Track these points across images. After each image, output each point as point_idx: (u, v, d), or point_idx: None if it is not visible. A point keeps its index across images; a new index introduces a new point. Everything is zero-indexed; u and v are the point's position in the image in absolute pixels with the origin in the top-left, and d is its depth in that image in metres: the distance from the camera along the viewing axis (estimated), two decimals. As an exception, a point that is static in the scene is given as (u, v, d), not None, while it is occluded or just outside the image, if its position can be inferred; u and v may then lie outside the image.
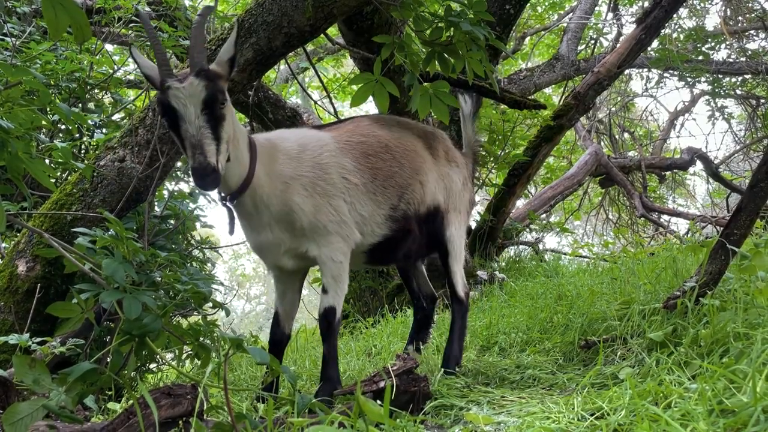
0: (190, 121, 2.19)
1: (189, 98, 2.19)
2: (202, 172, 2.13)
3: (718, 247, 2.54)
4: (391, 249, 2.96)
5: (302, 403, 1.91)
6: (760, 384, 1.53)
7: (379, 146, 2.90)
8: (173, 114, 2.20)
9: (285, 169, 2.58)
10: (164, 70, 2.23)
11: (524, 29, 10.78)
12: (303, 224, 2.58)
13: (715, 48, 9.27)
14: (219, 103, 2.24)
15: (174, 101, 2.19)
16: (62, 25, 1.49)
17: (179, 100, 2.19)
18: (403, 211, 2.92)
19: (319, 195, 2.61)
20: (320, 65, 10.31)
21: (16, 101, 2.15)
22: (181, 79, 2.21)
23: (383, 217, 2.84)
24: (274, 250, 2.65)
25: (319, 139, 2.76)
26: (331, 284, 2.66)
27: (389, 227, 2.86)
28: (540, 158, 6.80)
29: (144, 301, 1.84)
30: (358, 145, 2.84)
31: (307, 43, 4.46)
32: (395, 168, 2.90)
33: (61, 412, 1.66)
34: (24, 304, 2.94)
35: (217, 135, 2.22)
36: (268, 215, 2.56)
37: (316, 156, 2.67)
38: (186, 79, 2.21)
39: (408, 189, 2.95)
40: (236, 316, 19.14)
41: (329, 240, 2.64)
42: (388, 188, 2.87)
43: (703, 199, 13.77)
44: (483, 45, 2.69)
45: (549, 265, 6.78)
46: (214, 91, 2.22)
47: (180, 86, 2.19)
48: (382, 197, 2.84)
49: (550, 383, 2.65)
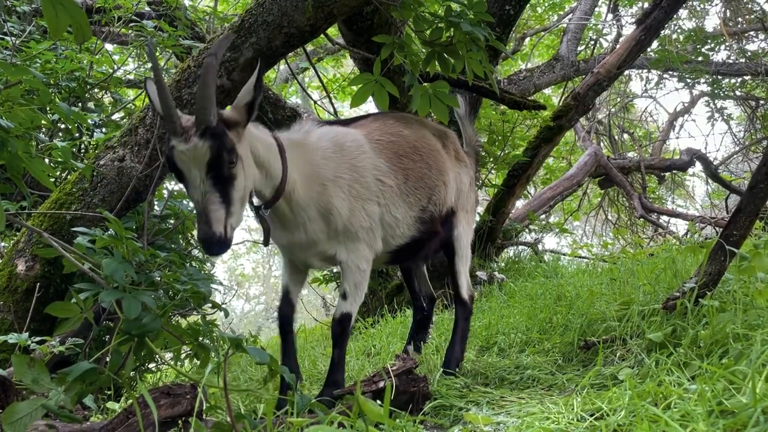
0: (195, 186, 2.03)
1: (193, 161, 2.01)
2: (207, 242, 2.00)
3: (718, 248, 2.54)
4: (416, 250, 2.93)
5: (302, 403, 1.91)
6: (760, 385, 1.53)
7: (408, 146, 2.86)
8: (180, 174, 2.06)
9: (323, 171, 2.52)
10: (169, 124, 2.03)
11: (524, 30, 10.79)
12: (338, 227, 2.54)
13: (714, 49, 9.28)
14: (228, 164, 2.05)
15: (179, 164, 2.03)
16: (62, 24, 1.49)
17: (183, 164, 2.02)
18: (430, 212, 2.89)
19: (354, 198, 2.56)
20: (320, 65, 10.31)
21: (16, 100, 2.15)
22: (186, 138, 2.01)
23: (413, 219, 2.81)
24: (306, 250, 2.60)
25: (355, 139, 2.68)
26: (352, 291, 2.61)
27: (417, 229, 2.83)
28: (539, 159, 6.80)
29: (143, 300, 1.84)
30: (390, 145, 2.78)
31: (307, 43, 4.46)
32: (425, 169, 2.86)
33: (60, 412, 1.66)
34: (23, 303, 2.94)
35: (227, 198, 2.05)
36: (304, 216, 2.50)
37: (353, 157, 2.61)
38: (190, 138, 2.01)
39: (435, 190, 2.92)
40: (235, 316, 19.13)
41: (357, 247, 2.60)
42: (419, 189, 2.83)
43: (702, 200, 13.78)
44: (483, 45, 2.69)
45: (548, 266, 6.78)
46: (221, 152, 2.02)
47: (183, 149, 2.00)
48: (413, 198, 2.80)
49: (550, 384, 2.65)
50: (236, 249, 20.24)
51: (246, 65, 3.16)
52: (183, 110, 3.13)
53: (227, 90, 3.19)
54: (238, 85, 3.22)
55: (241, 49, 3.13)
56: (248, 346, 1.79)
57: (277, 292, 23.55)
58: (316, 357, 4.14)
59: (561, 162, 11.45)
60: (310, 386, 3.27)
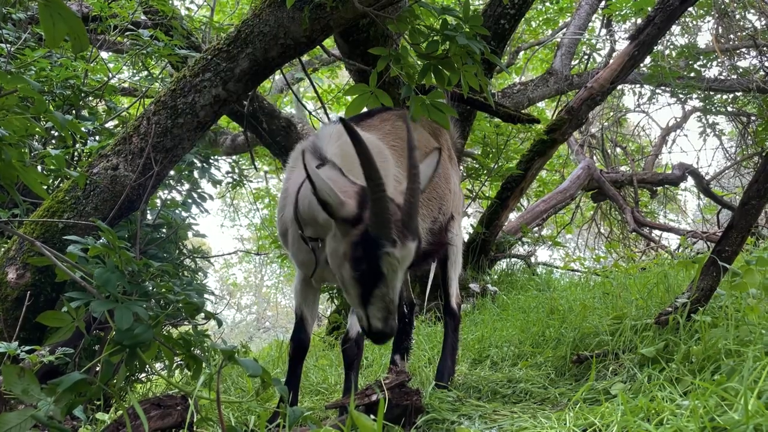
0: (393, 287, 2.01)
1: (401, 265, 2.01)
2: (389, 336, 2.02)
3: (710, 263, 2.55)
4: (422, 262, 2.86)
5: (294, 415, 1.89)
6: (752, 401, 1.53)
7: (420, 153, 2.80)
8: (374, 273, 1.99)
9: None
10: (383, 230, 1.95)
11: (518, 44, 10.85)
12: None
13: (706, 65, 9.37)
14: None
15: (385, 267, 1.98)
16: (60, 34, 1.48)
17: (391, 267, 1.98)
18: (440, 223, 2.82)
19: None
20: (315, 76, 10.33)
21: (10, 108, 2.14)
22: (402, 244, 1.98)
23: (425, 232, 2.73)
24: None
25: (377, 146, 2.59)
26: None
27: (428, 241, 2.74)
28: (533, 172, 6.82)
29: (135, 311, 1.83)
30: (404, 152, 2.66)
31: (303, 54, 4.47)
32: (435, 178, 2.75)
33: (50, 423, 1.64)
34: (13, 312, 2.91)
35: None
36: None
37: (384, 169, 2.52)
38: (406, 245, 1.99)
39: (444, 199, 2.85)
40: (227, 326, 19.03)
41: None
42: (431, 200, 2.76)
43: (694, 214, 13.86)
44: (478, 59, 2.70)
45: (541, 279, 6.79)
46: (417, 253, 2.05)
47: (399, 255, 1.97)
48: (426, 210, 2.73)
49: (542, 398, 2.65)
50: (228, 258, 20.17)
51: (242, 75, 3.16)
52: (177, 119, 3.15)
53: (222, 100, 3.19)
54: (232, 95, 3.22)
55: (237, 60, 3.13)
56: (241, 358, 1.78)
57: (269, 302, 23.44)
58: (308, 369, 4.12)
59: (554, 175, 11.49)
60: (301, 398, 3.25)
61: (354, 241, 2.02)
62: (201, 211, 4.26)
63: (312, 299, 2.74)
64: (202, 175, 4.24)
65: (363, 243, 1.99)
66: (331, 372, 3.90)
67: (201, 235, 4.30)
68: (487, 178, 7.23)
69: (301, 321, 2.69)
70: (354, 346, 2.55)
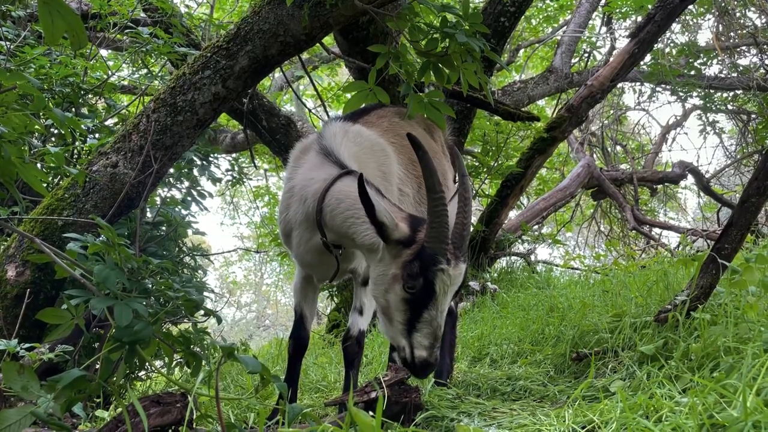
0: (442, 311, 1.96)
1: (452, 286, 1.96)
2: (434, 367, 1.98)
3: (709, 261, 2.55)
4: None
5: (293, 412, 1.89)
6: (751, 399, 1.53)
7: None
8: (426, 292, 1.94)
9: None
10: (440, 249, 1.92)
11: (518, 42, 10.85)
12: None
13: (707, 63, 9.36)
14: None
15: (438, 285, 1.93)
16: (59, 31, 1.48)
17: (444, 286, 1.93)
18: None
19: None
20: (315, 74, 10.32)
21: (10, 105, 2.14)
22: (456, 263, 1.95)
23: None
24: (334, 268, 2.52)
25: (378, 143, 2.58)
26: (368, 306, 2.56)
27: None
28: (533, 170, 6.83)
29: (135, 308, 1.83)
30: (403, 149, 2.70)
31: (303, 52, 4.47)
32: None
33: (50, 420, 1.64)
34: (13, 309, 2.91)
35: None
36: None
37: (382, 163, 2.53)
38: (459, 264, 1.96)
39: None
40: (227, 324, 19.04)
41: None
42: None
43: (694, 212, 13.86)
44: (478, 57, 2.70)
45: (541, 277, 6.79)
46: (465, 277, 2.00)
47: (452, 274, 1.92)
48: (424, 208, 2.73)
49: (542, 395, 2.65)
50: (228, 257, 20.20)
51: (241, 73, 3.16)
52: (177, 117, 3.14)
53: (222, 97, 3.18)
54: (232, 93, 3.22)
55: (237, 57, 3.13)
56: (240, 355, 1.78)
57: (269, 300, 23.43)
58: (308, 366, 4.12)
59: (554, 173, 11.50)
60: (301, 395, 3.25)
61: (407, 260, 1.98)
62: (201, 209, 4.26)
63: (312, 297, 2.76)
64: (202, 172, 4.24)
65: (418, 259, 1.95)
66: (331, 369, 3.91)
67: (201, 233, 4.30)
68: (487, 176, 7.23)
69: (301, 318, 2.71)
70: (355, 344, 2.56)
